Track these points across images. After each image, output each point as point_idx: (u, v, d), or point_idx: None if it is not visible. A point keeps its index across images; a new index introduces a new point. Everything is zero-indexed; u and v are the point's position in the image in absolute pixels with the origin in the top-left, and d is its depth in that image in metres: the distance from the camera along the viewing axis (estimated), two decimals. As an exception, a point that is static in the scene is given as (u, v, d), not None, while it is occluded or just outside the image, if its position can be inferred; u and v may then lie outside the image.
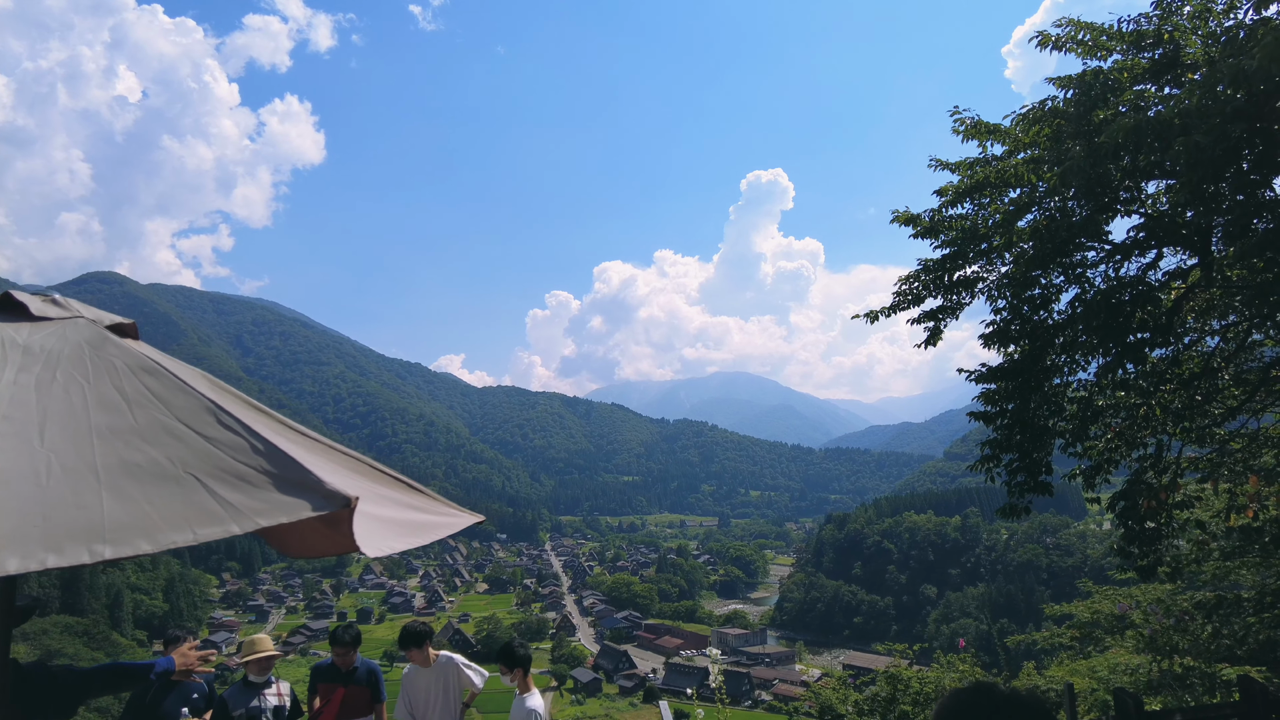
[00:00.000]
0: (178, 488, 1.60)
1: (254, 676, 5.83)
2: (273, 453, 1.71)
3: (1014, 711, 1.38)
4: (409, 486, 2.58)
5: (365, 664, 6.31)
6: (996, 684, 1.47)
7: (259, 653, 5.90)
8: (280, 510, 1.59)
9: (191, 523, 1.54)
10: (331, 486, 1.64)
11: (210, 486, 1.60)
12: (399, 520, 2.35)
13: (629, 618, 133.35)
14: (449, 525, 2.56)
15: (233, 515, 1.55)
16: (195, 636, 7.34)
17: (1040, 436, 7.57)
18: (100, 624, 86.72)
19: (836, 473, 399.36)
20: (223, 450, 1.69)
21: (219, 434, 1.73)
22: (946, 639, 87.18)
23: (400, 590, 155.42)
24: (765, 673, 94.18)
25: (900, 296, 8.02)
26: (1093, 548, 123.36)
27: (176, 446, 1.69)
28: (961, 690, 1.48)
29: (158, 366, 1.90)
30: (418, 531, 2.39)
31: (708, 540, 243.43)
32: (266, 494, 1.62)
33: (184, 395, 1.82)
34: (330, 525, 2.17)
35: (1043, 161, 6.28)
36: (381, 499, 2.35)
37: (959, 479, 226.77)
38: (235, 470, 1.65)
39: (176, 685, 5.78)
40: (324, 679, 6.14)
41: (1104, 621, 13.91)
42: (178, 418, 1.75)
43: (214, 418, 1.77)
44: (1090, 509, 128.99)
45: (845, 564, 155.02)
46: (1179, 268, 6.83)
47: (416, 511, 2.48)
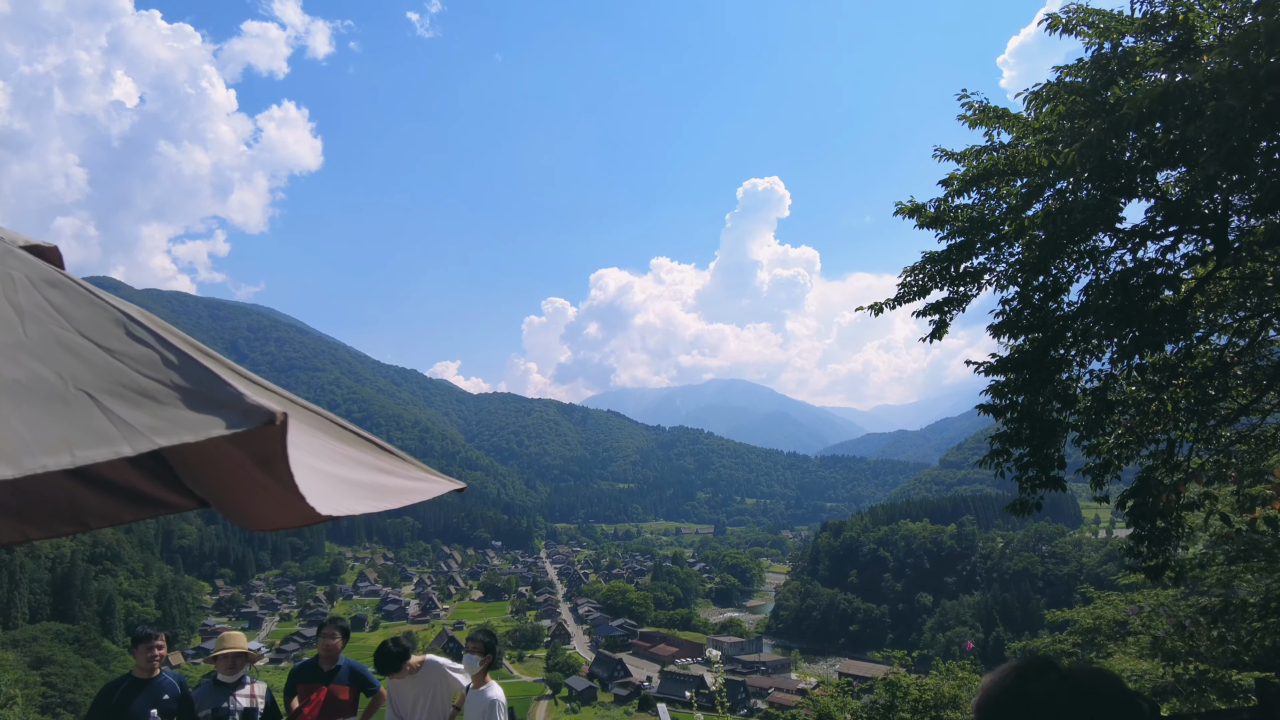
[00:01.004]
0: (62, 406, 1.42)
1: (223, 675, 5.50)
2: (187, 366, 1.52)
3: (1098, 705, 1.15)
4: (380, 448, 2.34)
5: (347, 663, 6.02)
6: (1059, 663, 1.25)
7: (227, 649, 5.59)
8: (186, 428, 1.41)
9: (72, 444, 1.37)
10: (253, 400, 1.43)
11: (104, 404, 1.43)
12: (363, 481, 2.12)
13: (624, 625, 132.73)
14: (422, 490, 2.32)
15: (126, 435, 1.39)
16: (167, 634, 7.04)
17: (1051, 430, 7.37)
18: (91, 631, 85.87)
19: (832, 480, 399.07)
20: (127, 364, 1.51)
21: (126, 347, 1.54)
22: (943, 647, 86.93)
23: (395, 598, 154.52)
24: (761, 681, 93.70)
25: (906, 288, 7.83)
26: (1088, 555, 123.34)
27: (71, 362, 1.51)
28: (1023, 671, 1.24)
29: (65, 280, 1.72)
30: (384, 495, 2.16)
31: (703, 548, 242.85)
32: (172, 411, 1.43)
33: (91, 308, 1.65)
34: (284, 485, 1.92)
35: (1056, 141, 6.09)
36: (344, 458, 2.12)
37: (954, 487, 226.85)
38: (139, 386, 1.47)
39: (146, 684, 5.47)
40: (303, 679, 5.84)
41: (1105, 627, 13.74)
42: (79, 331, 1.57)
43: (123, 330, 1.58)
44: (1087, 516, 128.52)
45: (841, 572, 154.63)
46: (1196, 253, 6.64)
47: (385, 474, 2.25)
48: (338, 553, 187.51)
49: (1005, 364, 7.56)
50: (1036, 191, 6.75)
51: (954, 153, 7.79)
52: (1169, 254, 6.63)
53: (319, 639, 6.01)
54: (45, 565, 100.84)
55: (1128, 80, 5.76)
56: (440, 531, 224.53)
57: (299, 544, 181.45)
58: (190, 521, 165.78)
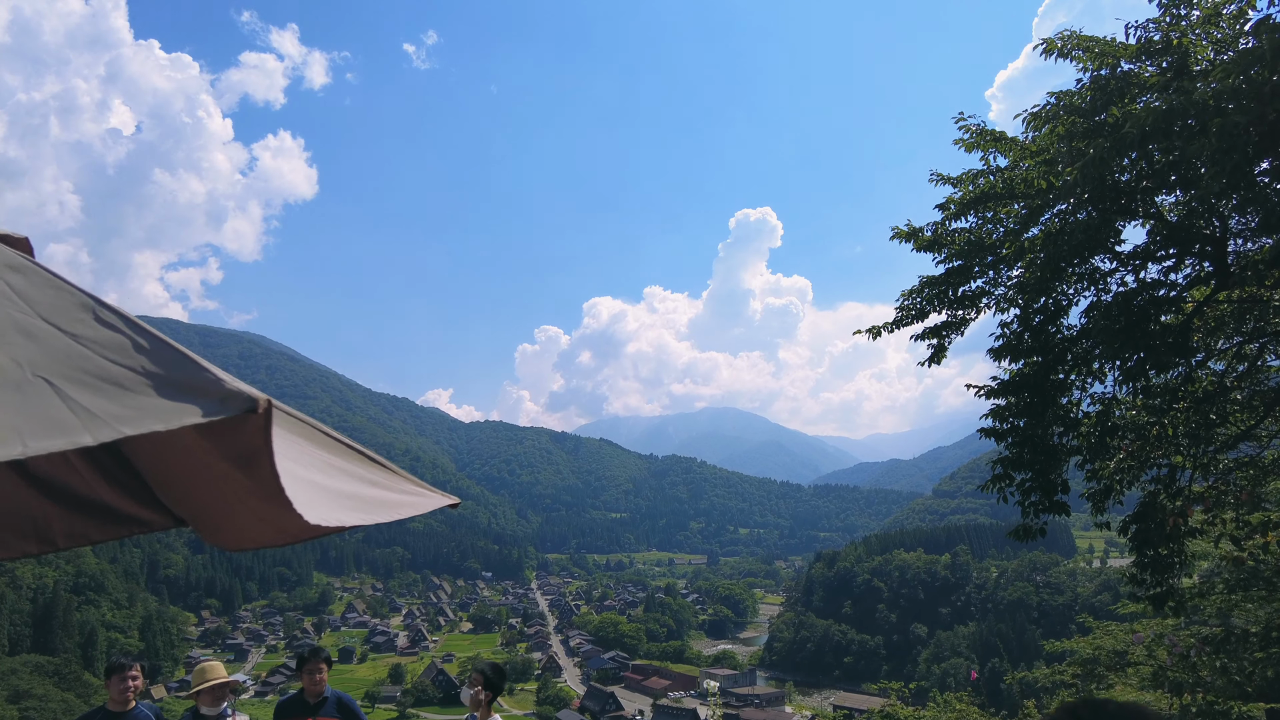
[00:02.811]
0: (16, 394, 1.30)
1: (206, 709, 5.27)
2: (161, 351, 1.41)
3: None
4: (370, 459, 2.21)
5: (334, 693, 5.80)
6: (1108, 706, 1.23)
7: (210, 680, 5.36)
8: (156, 416, 1.27)
9: (24, 434, 1.23)
10: (233, 386, 1.32)
11: (64, 391, 1.30)
12: (352, 493, 2.00)
13: (616, 658, 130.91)
14: (414, 505, 2.20)
15: (88, 424, 1.26)
16: (145, 665, 6.72)
17: (1053, 454, 7.29)
18: (72, 663, 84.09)
19: (825, 510, 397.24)
20: (92, 350, 1.39)
21: (92, 332, 1.43)
22: (938, 678, 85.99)
23: (383, 629, 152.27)
24: (755, 714, 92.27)
25: (904, 312, 7.79)
26: (1083, 585, 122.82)
27: (28, 347, 1.39)
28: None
29: (28, 264, 1.61)
30: (375, 508, 2.04)
31: (696, 578, 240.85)
32: (141, 398, 1.31)
33: (55, 292, 1.54)
34: (268, 499, 1.88)
35: (1055, 162, 6.08)
36: (331, 468, 2.00)
37: (948, 516, 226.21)
38: (104, 372, 1.35)
39: (119, 718, 5.23)
40: (289, 714, 5.63)
41: (1105, 658, 13.56)
42: (40, 315, 1.46)
43: (90, 315, 1.47)
44: (1081, 546, 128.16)
45: (835, 603, 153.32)
46: (1196, 274, 6.62)
47: (375, 487, 2.13)
48: (326, 583, 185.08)
49: (1006, 387, 7.50)
50: (1036, 213, 6.74)
51: (950, 177, 7.80)
52: (1171, 274, 6.61)
53: (302, 674, 5.79)
54: (27, 596, 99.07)
55: (1126, 103, 5.77)
56: (430, 562, 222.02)
57: (287, 574, 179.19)
58: (176, 551, 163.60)
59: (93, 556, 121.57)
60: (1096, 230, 5.99)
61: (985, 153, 7.36)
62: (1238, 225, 6.25)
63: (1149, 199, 6.25)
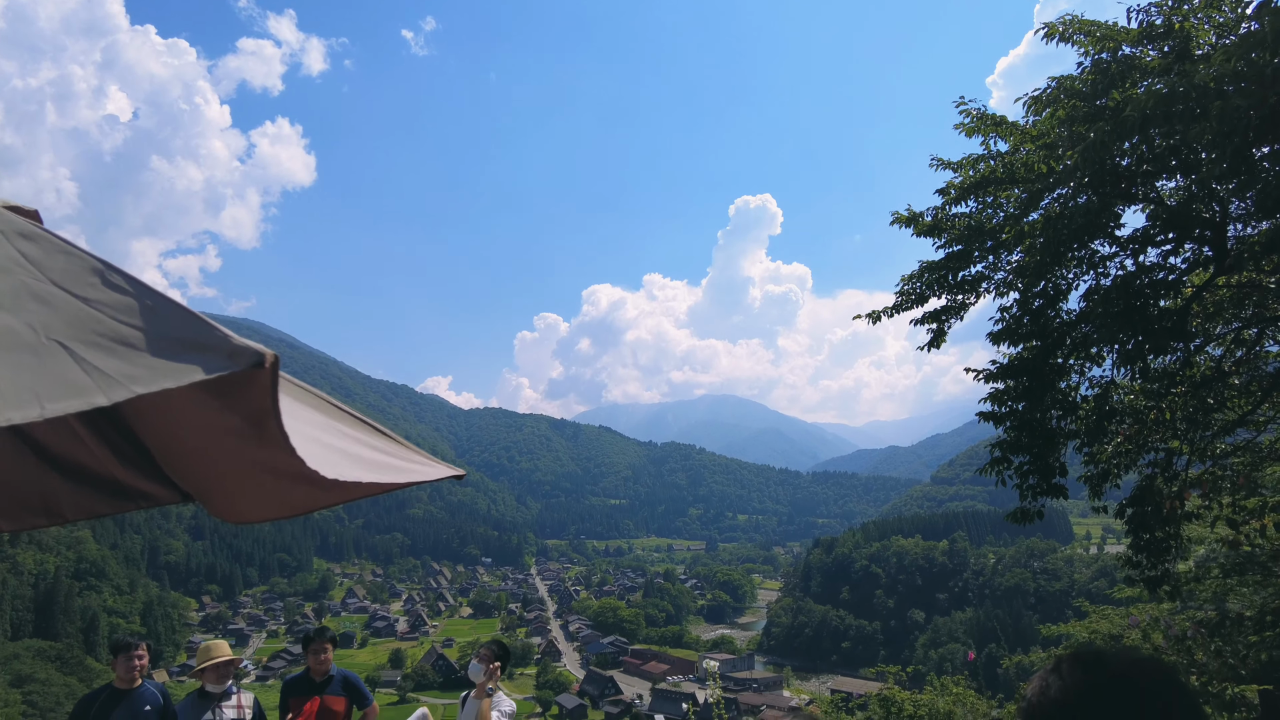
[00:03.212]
0: (32, 357, 1.32)
1: (211, 686, 5.31)
2: (168, 311, 1.43)
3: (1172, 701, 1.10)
4: (379, 431, 2.24)
5: (340, 672, 5.86)
6: (1104, 656, 1.20)
7: (215, 658, 5.40)
8: (166, 375, 1.29)
9: (41, 396, 1.25)
10: (239, 342, 1.33)
11: (78, 353, 1.33)
12: (360, 456, 2.02)
13: (615, 643, 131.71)
14: (421, 472, 2.22)
15: (102, 384, 1.27)
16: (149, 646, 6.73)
17: (1051, 438, 7.32)
18: (74, 648, 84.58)
19: (824, 496, 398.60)
20: (103, 312, 1.42)
21: (102, 295, 1.45)
22: (935, 663, 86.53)
23: (383, 614, 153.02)
24: (753, 698, 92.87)
25: (904, 296, 7.80)
26: (1080, 572, 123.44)
27: (42, 311, 1.42)
28: (1069, 669, 1.18)
29: (39, 232, 1.64)
30: (385, 470, 2.06)
31: (695, 564, 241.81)
32: (152, 357, 1.33)
33: (66, 257, 1.56)
34: (276, 471, 1.87)
35: (1056, 147, 6.08)
36: (340, 434, 2.03)
37: (946, 503, 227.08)
38: (116, 333, 1.37)
39: (126, 695, 5.31)
40: (295, 692, 5.67)
41: (1101, 642, 13.66)
42: (52, 281, 1.49)
43: (99, 278, 1.49)
44: (1079, 532, 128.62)
45: (833, 588, 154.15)
46: (1195, 259, 6.63)
47: (384, 453, 2.16)
48: (326, 569, 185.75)
49: (1005, 371, 7.52)
50: (1035, 198, 6.73)
51: (950, 161, 7.78)
52: (1170, 259, 6.62)
53: (308, 654, 5.85)
54: (28, 582, 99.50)
55: (1127, 87, 5.76)
56: (429, 548, 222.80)
57: (287, 560, 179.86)
58: (177, 537, 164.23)
59: (93, 543, 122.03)
60: (1096, 214, 5.99)
61: (986, 137, 7.35)
62: (1237, 209, 6.26)
63: (1149, 183, 6.25)
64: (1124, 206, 6.41)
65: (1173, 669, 1.17)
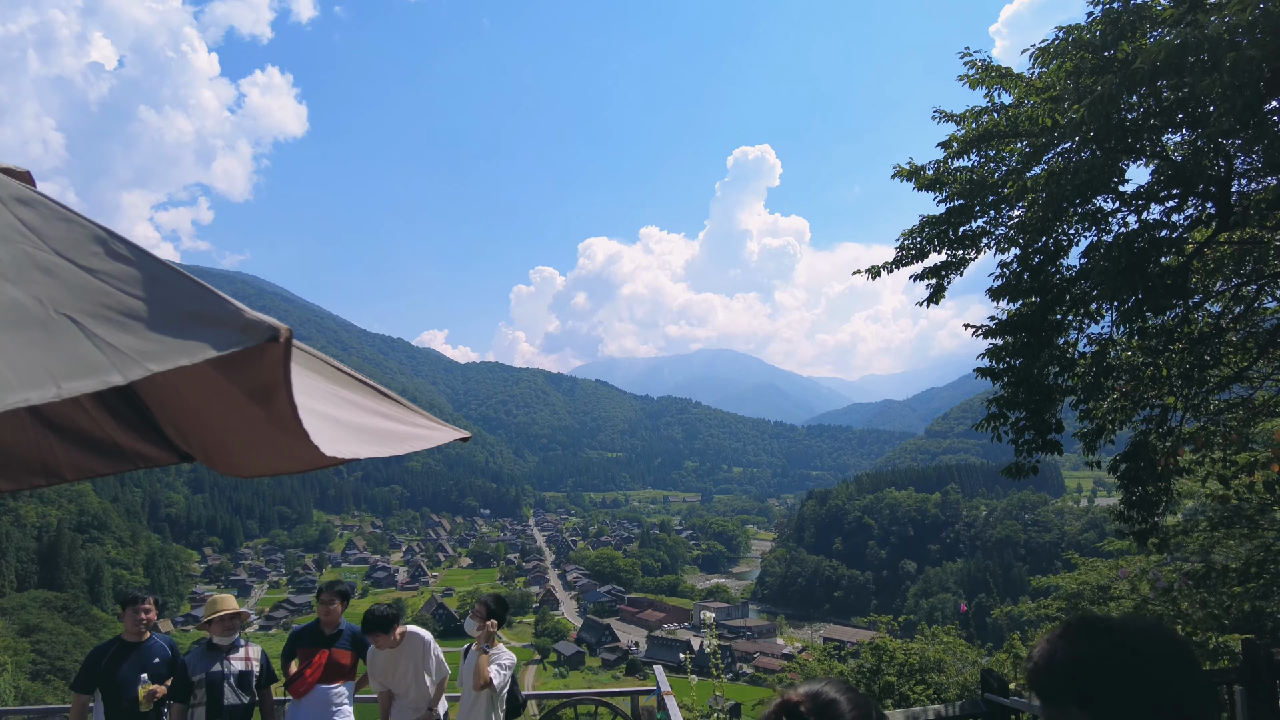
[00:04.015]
0: (43, 333, 1.27)
1: (218, 638, 5.40)
2: (177, 283, 1.37)
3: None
4: (382, 394, 2.22)
5: (350, 627, 5.94)
6: (1111, 622, 1.21)
7: (221, 611, 5.48)
8: (180, 351, 1.24)
9: (56, 375, 1.19)
10: (253, 316, 1.28)
11: (89, 328, 1.27)
12: (365, 426, 2.01)
13: (612, 592, 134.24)
14: (426, 438, 2.21)
15: (116, 362, 1.22)
16: (156, 598, 6.88)
17: (1048, 394, 7.34)
18: (80, 598, 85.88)
19: (818, 449, 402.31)
20: (110, 284, 1.35)
21: (107, 266, 1.39)
22: (926, 612, 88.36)
23: (384, 565, 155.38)
24: (747, 646, 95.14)
25: (904, 251, 7.74)
26: (1070, 524, 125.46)
27: (48, 284, 1.35)
28: (1076, 633, 1.21)
29: (37, 197, 1.56)
30: (388, 440, 2.05)
31: (690, 516, 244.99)
32: (164, 333, 1.27)
33: (66, 225, 1.49)
34: (283, 429, 1.88)
35: (1062, 100, 5.96)
36: (344, 402, 2.01)
37: (939, 456, 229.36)
38: (125, 307, 1.31)
39: (135, 648, 5.40)
40: (303, 644, 5.76)
41: (1089, 593, 13.94)
42: (55, 250, 1.41)
43: (103, 248, 1.42)
44: (1070, 485, 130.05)
45: (826, 539, 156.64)
46: (1198, 215, 6.57)
47: (387, 420, 2.14)
48: (326, 521, 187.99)
49: (1004, 327, 7.51)
50: (1039, 152, 6.63)
51: (953, 114, 7.65)
52: (1173, 215, 6.56)
53: (318, 604, 5.94)
54: (31, 534, 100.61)
55: (1137, 38, 5.63)
56: (428, 500, 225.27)
57: (287, 513, 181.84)
58: (177, 491, 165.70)
59: (94, 496, 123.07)
60: (1101, 169, 5.90)
61: (990, 89, 7.21)
62: (1243, 165, 6.18)
63: (1155, 138, 6.16)
64: (1129, 162, 6.32)
65: (1183, 641, 1.17)
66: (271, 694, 5.65)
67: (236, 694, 5.32)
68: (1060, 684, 1.20)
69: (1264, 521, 10.56)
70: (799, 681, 1.34)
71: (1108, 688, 1.13)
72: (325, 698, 5.58)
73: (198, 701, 5.22)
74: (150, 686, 5.23)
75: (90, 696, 5.29)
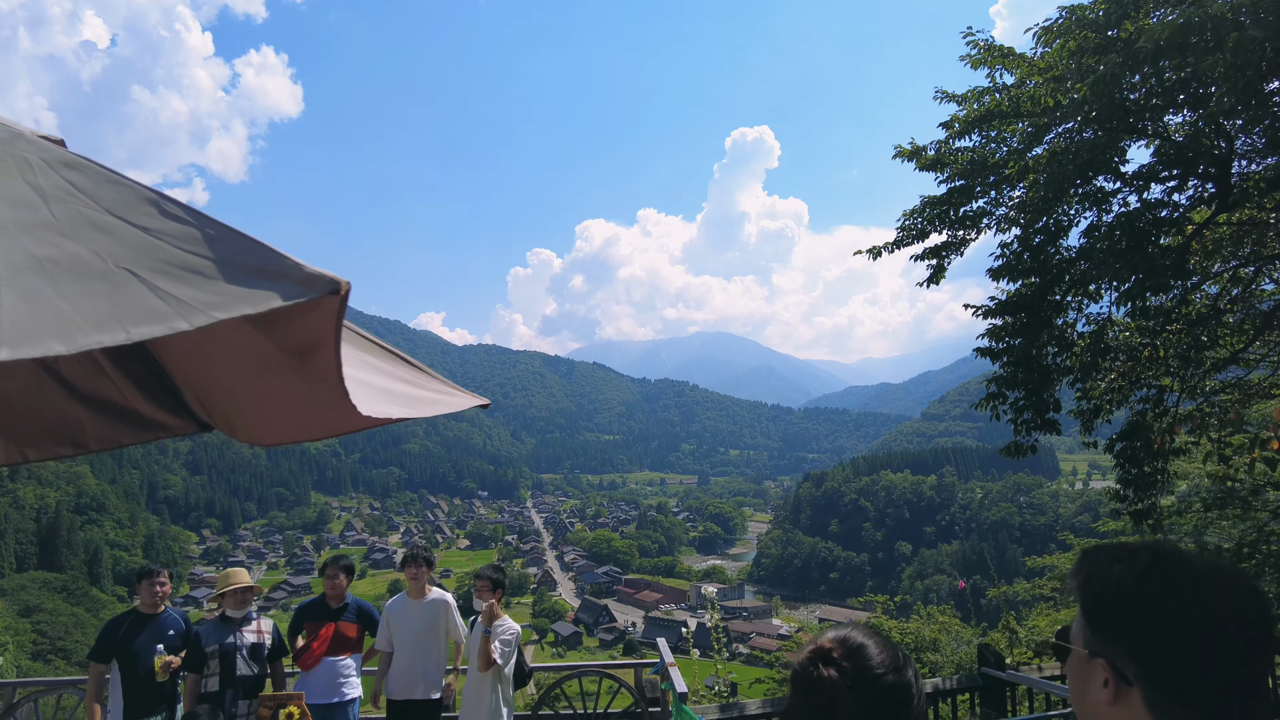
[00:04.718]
0: (105, 284, 1.30)
1: (231, 611, 5.51)
2: (234, 240, 1.40)
3: None
4: (404, 360, 2.28)
5: (355, 600, 6.06)
6: (1181, 551, 1.11)
7: (234, 584, 5.58)
8: (243, 301, 1.28)
9: (124, 321, 1.24)
10: (314, 270, 1.31)
11: (151, 281, 1.31)
12: (392, 390, 2.06)
13: (609, 573, 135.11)
14: (448, 403, 2.26)
15: (180, 310, 1.26)
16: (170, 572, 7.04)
17: (1046, 374, 7.41)
18: (79, 579, 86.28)
19: (815, 432, 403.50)
20: (167, 241, 1.39)
21: (162, 225, 1.43)
22: (921, 594, 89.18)
23: (381, 546, 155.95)
24: (743, 626, 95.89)
25: (904, 232, 7.78)
26: (1065, 506, 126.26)
27: (106, 241, 1.38)
28: (1149, 558, 1.09)
29: (83, 161, 1.60)
30: (415, 404, 2.10)
31: (687, 498, 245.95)
32: (225, 285, 1.31)
33: (115, 187, 1.53)
34: (317, 385, 1.88)
35: (1065, 79, 5.98)
36: (370, 368, 2.06)
37: (935, 439, 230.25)
38: (184, 262, 1.35)
39: (151, 620, 5.51)
40: (310, 617, 5.87)
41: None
42: (109, 210, 1.45)
43: (156, 209, 1.46)
44: (1065, 468, 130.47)
45: (822, 521, 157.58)
46: (1199, 195, 6.60)
47: (412, 385, 2.19)
48: (324, 503, 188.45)
49: (1003, 307, 7.56)
50: (1041, 132, 6.66)
51: (955, 95, 7.66)
52: (1174, 194, 6.59)
53: (323, 578, 6.04)
54: (30, 515, 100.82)
55: (1140, 17, 5.64)
56: (426, 482, 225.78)
57: (285, 494, 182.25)
58: (175, 472, 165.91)
59: (92, 478, 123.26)
60: (1102, 150, 5.94)
61: (992, 69, 7.22)
62: (1244, 145, 6.22)
63: (1157, 118, 6.19)
64: (1130, 142, 6.35)
65: (1249, 579, 1.07)
66: (282, 666, 5.75)
67: (249, 665, 5.43)
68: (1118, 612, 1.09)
69: (1257, 503, 10.69)
70: (827, 628, 1.37)
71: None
72: (333, 669, 5.69)
73: (211, 672, 5.32)
74: (166, 658, 5.34)
75: (107, 666, 5.39)
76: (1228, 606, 1.03)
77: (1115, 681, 1.07)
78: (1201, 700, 1.02)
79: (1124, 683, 1.07)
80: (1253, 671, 1.03)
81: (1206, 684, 1.02)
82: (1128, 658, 1.07)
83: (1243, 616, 1.03)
